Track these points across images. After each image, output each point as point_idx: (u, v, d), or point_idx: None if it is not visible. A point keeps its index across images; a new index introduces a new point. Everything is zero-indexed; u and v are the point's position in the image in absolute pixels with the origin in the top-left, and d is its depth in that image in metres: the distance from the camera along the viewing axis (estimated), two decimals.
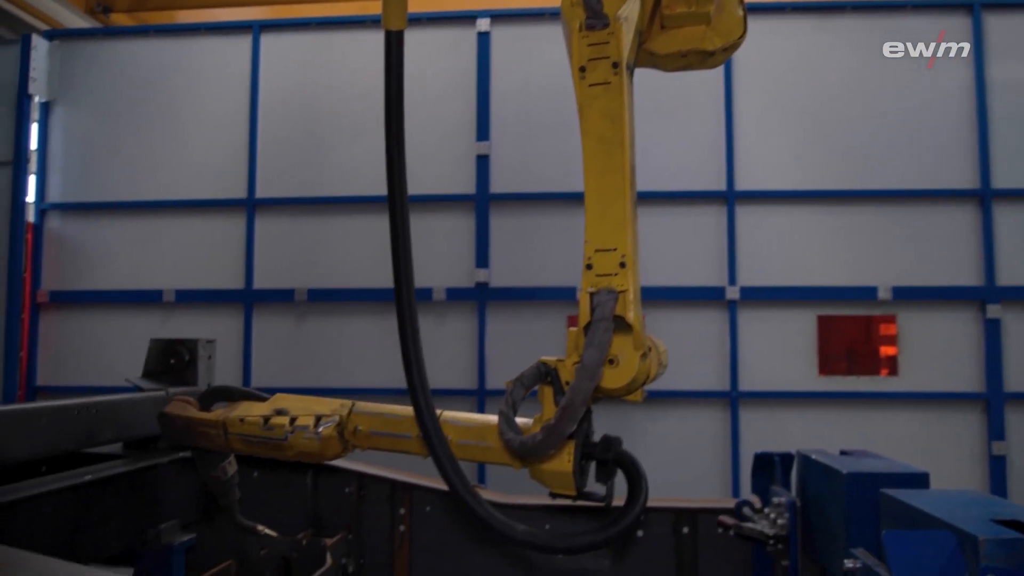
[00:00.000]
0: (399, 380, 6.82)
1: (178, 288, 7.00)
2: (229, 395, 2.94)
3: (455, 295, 6.56)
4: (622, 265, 2.12)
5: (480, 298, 6.56)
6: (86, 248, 7.25)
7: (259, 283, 6.93)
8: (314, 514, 3.51)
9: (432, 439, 2.23)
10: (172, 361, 3.59)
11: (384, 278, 6.60)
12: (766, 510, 2.89)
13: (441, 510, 3.47)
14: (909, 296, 6.23)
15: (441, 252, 6.58)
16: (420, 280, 2.27)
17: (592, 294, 2.13)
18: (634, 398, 2.22)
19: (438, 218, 6.56)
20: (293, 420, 2.72)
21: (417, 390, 2.22)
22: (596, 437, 2.34)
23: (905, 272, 6.28)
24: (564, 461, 2.24)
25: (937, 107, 6.38)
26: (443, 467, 2.21)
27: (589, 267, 2.16)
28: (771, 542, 2.77)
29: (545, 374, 2.21)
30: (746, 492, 4.93)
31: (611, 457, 2.30)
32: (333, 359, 6.81)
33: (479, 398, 6.43)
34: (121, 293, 7.10)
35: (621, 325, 2.11)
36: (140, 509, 3.00)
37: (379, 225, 6.63)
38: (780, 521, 2.73)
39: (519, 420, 2.20)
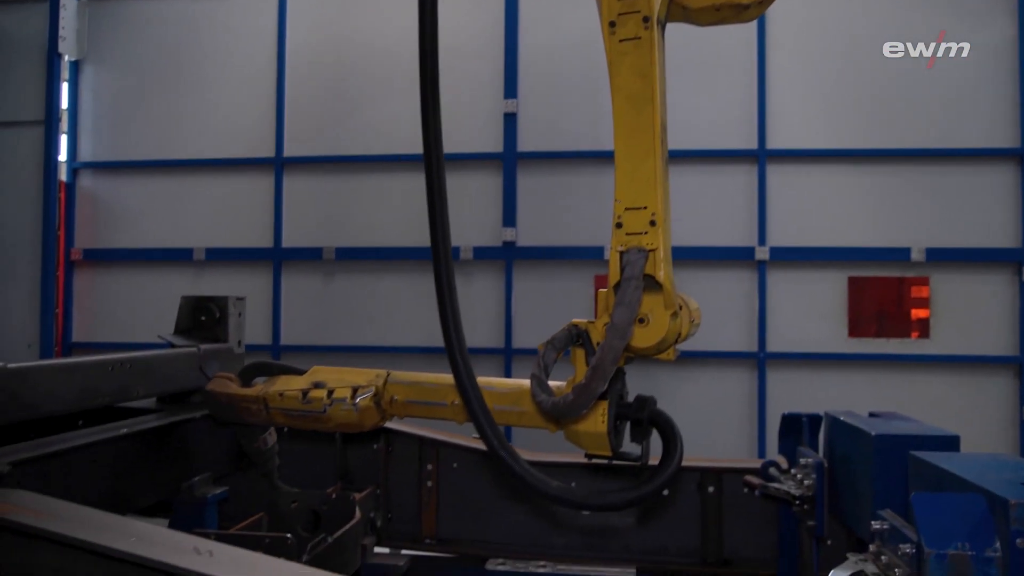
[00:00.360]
0: (427, 339, 6.91)
1: (208, 246, 7.07)
2: (268, 370, 2.99)
3: (482, 254, 6.56)
4: (652, 223, 2.10)
5: (507, 257, 6.55)
6: (117, 206, 7.33)
7: (288, 242, 6.97)
8: (343, 469, 3.56)
9: (468, 394, 2.22)
10: (203, 318, 3.63)
11: (413, 237, 6.67)
12: (792, 471, 2.89)
13: (468, 467, 3.50)
14: (943, 258, 6.13)
15: (468, 211, 6.57)
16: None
17: (622, 253, 2.11)
18: (666, 357, 2.22)
19: (465, 177, 6.54)
20: (330, 393, 2.76)
21: (456, 354, 2.21)
22: (631, 398, 2.35)
23: (939, 233, 6.17)
24: (598, 422, 2.25)
25: (975, 64, 6.21)
26: (479, 422, 2.21)
27: (619, 226, 2.14)
28: (797, 502, 2.77)
29: (576, 336, 2.21)
30: (772, 454, 4.94)
31: (645, 417, 2.30)
32: (362, 318, 6.86)
33: (506, 357, 6.46)
34: (152, 251, 7.18)
35: (651, 284, 2.10)
36: (174, 462, 3.06)
37: (409, 184, 6.64)
38: (807, 482, 2.73)
39: (552, 383, 2.20)
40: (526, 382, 2.24)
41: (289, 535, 2.53)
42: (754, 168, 6.35)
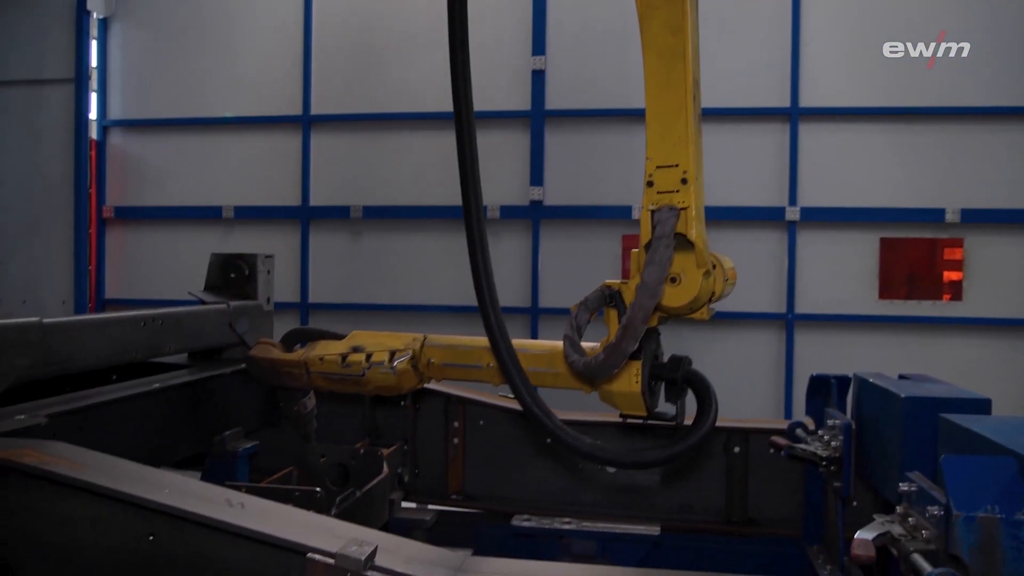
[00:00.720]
0: (455, 298, 6.92)
1: (237, 204, 7.11)
2: (308, 336, 3.04)
3: (509, 213, 6.54)
4: (683, 181, 2.07)
5: (534, 216, 6.53)
6: (147, 164, 7.38)
7: (315, 200, 7.00)
8: (372, 426, 3.60)
9: (502, 355, 2.22)
10: (232, 275, 3.67)
11: (441, 196, 6.66)
12: (820, 432, 2.87)
13: (494, 424, 3.53)
14: (978, 219, 6.02)
15: (495, 170, 6.53)
16: None
17: (653, 211, 2.09)
18: (700, 316, 2.20)
19: (492, 135, 6.49)
20: (369, 356, 2.80)
21: (491, 316, 2.20)
22: (667, 358, 2.34)
23: (975, 194, 6.05)
24: (632, 382, 2.25)
25: (1013, 20, 6.03)
26: (513, 382, 2.21)
27: (650, 184, 2.12)
28: (823, 464, 2.76)
29: (609, 297, 2.20)
30: (798, 415, 4.92)
31: (680, 377, 2.29)
32: (389, 277, 6.89)
33: (532, 316, 6.47)
34: (182, 209, 7.24)
35: (683, 243, 2.08)
36: (205, 417, 3.11)
37: (437, 142, 6.61)
38: (834, 443, 2.72)
39: (586, 344, 2.20)
40: (560, 344, 2.24)
41: (318, 489, 2.58)
42: (786, 126, 6.25)
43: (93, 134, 7.26)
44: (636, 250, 2.15)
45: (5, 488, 1.82)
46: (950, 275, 6.14)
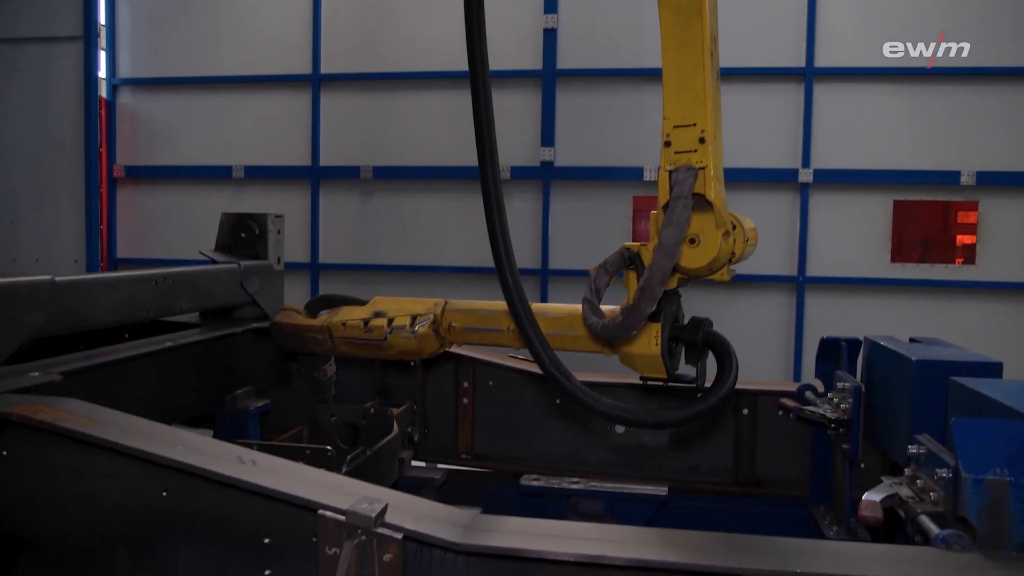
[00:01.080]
0: (466, 259, 6.90)
1: (247, 164, 7.09)
2: (331, 302, 3.09)
3: (519, 174, 6.50)
4: (701, 141, 2.04)
5: (544, 177, 6.49)
6: (157, 123, 7.36)
7: (326, 160, 6.97)
8: (382, 385, 3.63)
9: (520, 316, 2.21)
10: (243, 235, 3.67)
11: (453, 156, 6.62)
12: (829, 394, 2.88)
13: (503, 384, 3.55)
14: (994, 182, 5.94)
15: (505, 130, 6.45)
16: None
17: (671, 172, 2.07)
18: (720, 277, 2.19)
19: (502, 95, 6.41)
20: (391, 321, 2.85)
21: (509, 280, 2.19)
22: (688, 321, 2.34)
23: (991, 157, 5.97)
24: (651, 344, 2.25)
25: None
26: (532, 343, 2.21)
27: (667, 144, 2.09)
28: (832, 426, 2.77)
29: (628, 259, 2.19)
30: (807, 378, 4.93)
31: (700, 339, 2.29)
32: (400, 237, 6.88)
33: (542, 278, 6.46)
34: (192, 168, 7.23)
35: (701, 203, 2.05)
36: (217, 375, 3.14)
37: (449, 102, 6.55)
38: (843, 406, 2.72)
39: (606, 307, 2.19)
40: (579, 307, 2.24)
41: (329, 447, 2.60)
42: (800, 87, 6.16)
43: (103, 92, 7.23)
44: (655, 212, 2.13)
45: (20, 444, 1.84)
46: (963, 239, 6.09)
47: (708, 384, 2.31)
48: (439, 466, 3.58)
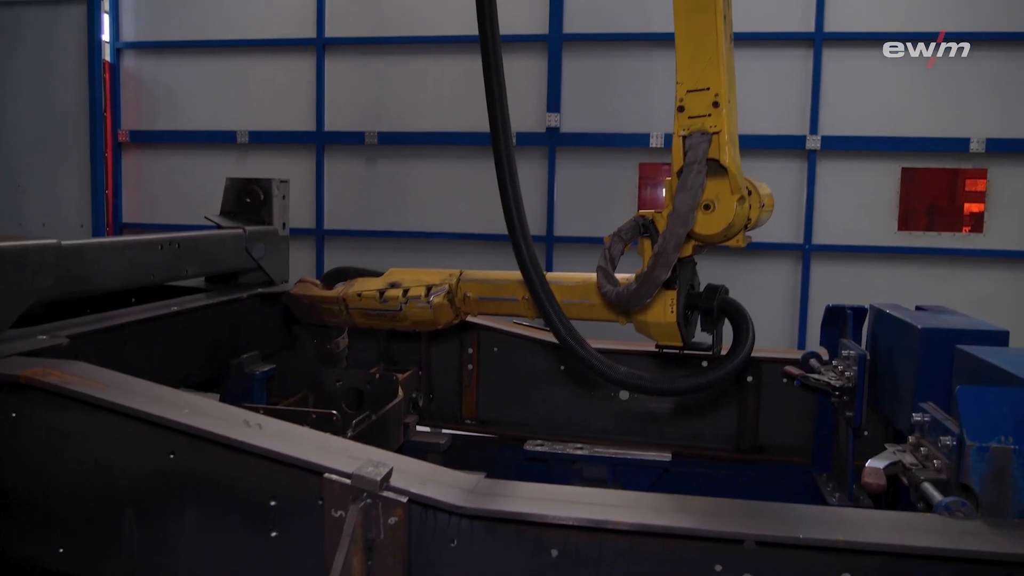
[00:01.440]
0: (472, 225, 6.87)
1: (251, 129, 7.05)
2: (347, 274, 3.10)
3: (525, 140, 6.46)
4: (715, 105, 2.00)
5: (550, 143, 6.45)
6: (161, 88, 7.32)
7: (330, 126, 6.93)
8: (387, 350, 3.63)
9: (535, 284, 2.19)
10: (248, 200, 3.66)
11: (459, 122, 6.58)
12: (833, 362, 2.88)
13: (508, 350, 3.55)
14: (1004, 149, 5.89)
15: (511, 95, 6.35)
16: (488, 124, 2.20)
17: (684, 137, 2.04)
18: (735, 243, 2.16)
19: (508, 60, 6.24)
20: (406, 292, 2.85)
21: (523, 248, 2.17)
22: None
23: (1002, 124, 5.91)
24: (667, 312, 2.23)
25: None
26: (546, 310, 2.20)
27: (681, 109, 2.05)
28: (836, 394, 2.77)
29: (643, 227, 2.16)
30: (812, 346, 4.93)
31: (716, 306, 2.28)
32: (404, 204, 6.86)
33: (547, 245, 6.45)
34: (197, 133, 7.20)
35: (716, 168, 2.02)
36: (223, 340, 3.15)
37: (455, 67, 6.50)
38: (847, 374, 2.72)
39: (621, 276, 2.18)
40: (594, 275, 2.22)
41: (334, 412, 2.61)
42: (809, 52, 6.10)
43: (106, 56, 7.18)
44: (669, 178, 2.11)
45: (28, 406, 1.86)
46: (971, 207, 6.06)
47: (724, 352, 2.30)
48: (444, 431, 3.59)
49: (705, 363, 3.15)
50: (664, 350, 2.37)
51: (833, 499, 2.88)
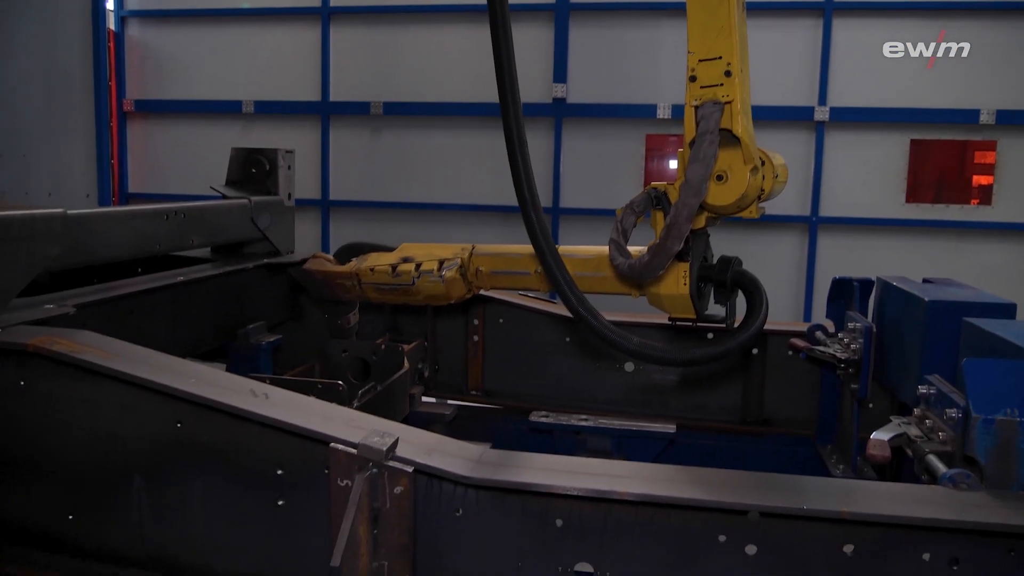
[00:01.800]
0: (478, 196, 6.83)
1: (256, 99, 7.02)
2: (360, 249, 3.10)
3: (531, 111, 6.40)
4: (727, 74, 1.98)
5: (556, 114, 6.40)
6: (166, 57, 7.27)
7: (336, 96, 6.89)
8: (392, 321, 3.64)
9: (546, 256, 2.18)
10: (253, 170, 3.65)
11: (465, 92, 6.53)
12: (839, 335, 2.88)
13: (513, 322, 3.55)
14: (1014, 121, 5.83)
15: (517, 66, 6.35)
16: (495, 94, 2.18)
17: (696, 107, 2.02)
18: (749, 214, 2.14)
19: (514, 29, 6.28)
20: (418, 266, 2.85)
21: (534, 221, 2.15)
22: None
23: (1013, 95, 5.85)
24: (679, 284, 2.23)
25: None
26: (558, 282, 2.19)
27: (693, 79, 2.02)
28: (842, 366, 2.77)
29: (655, 199, 2.15)
30: (818, 318, 4.93)
31: (729, 278, 2.27)
32: (410, 174, 6.83)
33: (553, 216, 6.43)
34: (202, 103, 7.16)
35: (729, 138, 2.00)
36: (229, 310, 3.16)
37: (462, 36, 6.44)
38: (853, 346, 2.72)
39: (633, 248, 2.17)
40: (606, 248, 2.21)
41: (340, 382, 2.62)
42: (819, 22, 6.02)
43: (111, 25, 7.13)
44: (681, 150, 2.09)
45: (36, 375, 1.87)
46: (980, 179, 6.01)
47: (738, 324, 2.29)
48: (449, 402, 3.61)
49: (710, 335, 3.15)
50: (677, 323, 2.37)
51: (837, 471, 2.89)
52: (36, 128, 6.92)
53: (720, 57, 1.98)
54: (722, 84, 1.98)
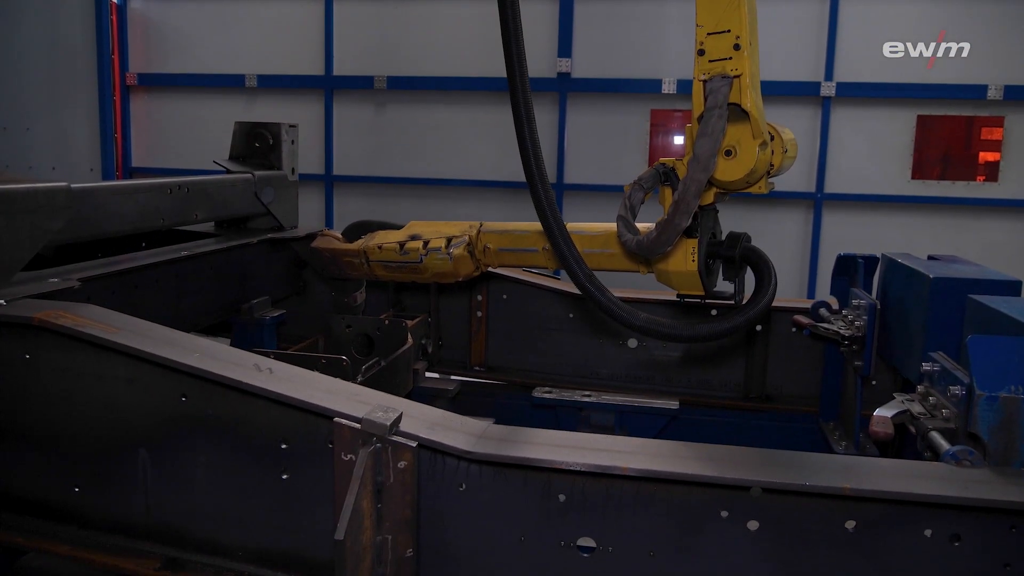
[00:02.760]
0: (482, 172, 6.81)
1: (260, 73, 6.98)
2: (368, 227, 3.11)
3: (535, 85, 6.28)
4: (736, 47, 1.95)
5: (561, 89, 6.36)
6: (169, 30, 7.23)
7: (339, 70, 6.85)
8: (396, 297, 3.64)
9: (554, 232, 2.17)
10: (257, 144, 3.64)
11: (471, 67, 6.48)
12: (843, 311, 2.87)
13: (516, 298, 3.55)
14: (1023, 96, 5.78)
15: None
16: (500, 69, 2.15)
17: (705, 81, 2.00)
18: (758, 190, 2.12)
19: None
20: (426, 244, 2.85)
21: (542, 198, 2.14)
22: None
23: (1022, 71, 5.79)
24: (688, 260, 2.21)
25: None
26: (565, 257, 2.18)
27: (701, 53, 2.00)
28: (845, 343, 2.77)
29: (664, 175, 2.13)
30: (822, 295, 4.92)
31: (737, 254, 2.26)
32: (414, 149, 6.80)
33: (558, 191, 6.41)
34: (205, 77, 7.13)
35: (737, 113, 1.98)
36: (233, 284, 3.16)
37: (466, 9, 6.38)
38: (857, 323, 2.72)
39: (641, 224, 2.16)
40: (614, 225, 2.20)
41: (344, 357, 2.63)
42: None
43: None
44: (689, 124, 2.07)
45: (41, 348, 1.87)
46: (986, 155, 5.97)
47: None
48: (452, 378, 3.62)
49: (714, 312, 3.14)
50: (685, 299, 2.36)
51: (840, 448, 2.90)
52: (39, 102, 6.90)
53: (729, 30, 1.96)
54: (731, 58, 1.95)
